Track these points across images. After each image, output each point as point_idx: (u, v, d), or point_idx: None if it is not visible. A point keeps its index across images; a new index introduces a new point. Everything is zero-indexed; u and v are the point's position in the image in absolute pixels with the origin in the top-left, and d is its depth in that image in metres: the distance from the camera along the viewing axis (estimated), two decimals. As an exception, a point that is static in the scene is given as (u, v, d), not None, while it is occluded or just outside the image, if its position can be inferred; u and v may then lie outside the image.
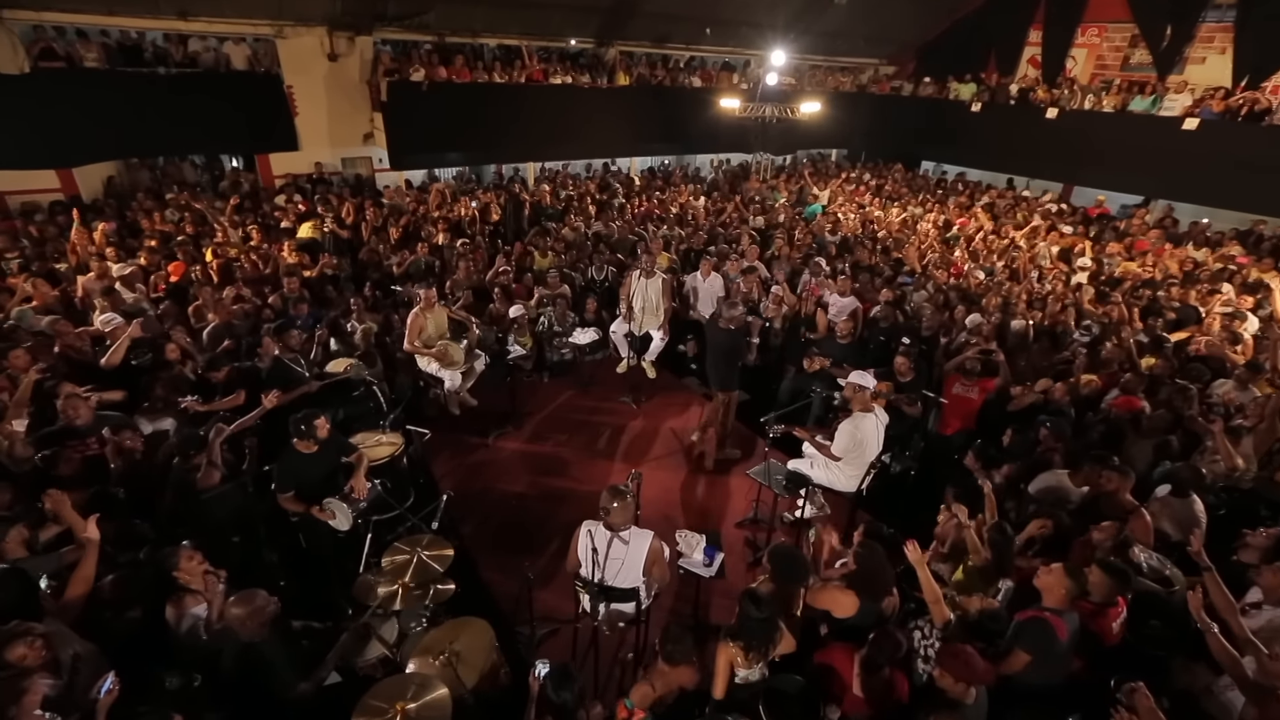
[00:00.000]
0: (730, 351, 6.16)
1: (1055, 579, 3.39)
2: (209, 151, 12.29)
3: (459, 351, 6.08)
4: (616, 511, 3.50)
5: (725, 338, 6.03)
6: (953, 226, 11.51)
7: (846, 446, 4.78)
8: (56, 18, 9.61)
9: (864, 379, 4.82)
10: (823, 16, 14.97)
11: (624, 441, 6.63)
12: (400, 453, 5.07)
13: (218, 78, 10.76)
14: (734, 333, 6.10)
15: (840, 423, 4.98)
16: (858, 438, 4.75)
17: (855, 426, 4.76)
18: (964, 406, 6.34)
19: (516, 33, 12.86)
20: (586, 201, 11.76)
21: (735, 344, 6.20)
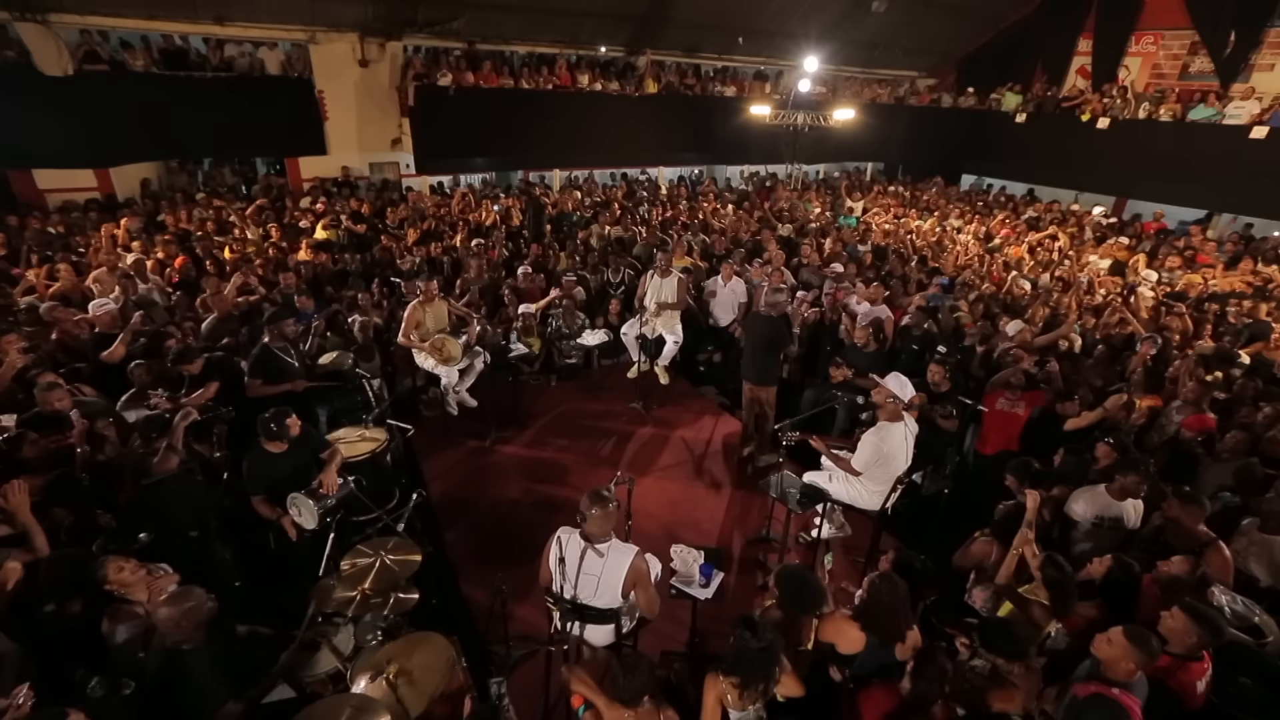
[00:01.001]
0: (773, 341, 5.76)
1: (1119, 650, 2.70)
2: (241, 154, 12.41)
3: (456, 347, 5.72)
4: (595, 519, 3.02)
5: (766, 326, 5.66)
6: (994, 238, 10.79)
7: (868, 460, 4.20)
8: (100, 22, 9.80)
9: (901, 386, 4.23)
10: (860, 26, 14.51)
11: (630, 449, 6.15)
12: (382, 449, 4.69)
13: (251, 81, 10.84)
14: (775, 320, 5.71)
15: (864, 433, 4.41)
16: (883, 450, 4.17)
17: (880, 438, 4.17)
18: (1007, 423, 5.69)
19: (547, 41, 12.73)
20: (613, 207, 11.44)
21: (778, 332, 5.81)
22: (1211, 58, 13.21)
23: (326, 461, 4.21)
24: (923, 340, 6.87)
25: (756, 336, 5.74)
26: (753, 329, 5.82)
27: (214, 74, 10.62)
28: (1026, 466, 4.36)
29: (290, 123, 11.31)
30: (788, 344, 6.40)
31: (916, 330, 6.94)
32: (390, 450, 4.78)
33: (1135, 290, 7.78)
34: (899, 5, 13.99)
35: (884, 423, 4.22)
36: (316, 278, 7.48)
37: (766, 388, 5.82)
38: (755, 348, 5.76)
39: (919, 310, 7.09)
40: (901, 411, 4.25)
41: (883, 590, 2.97)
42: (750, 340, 5.85)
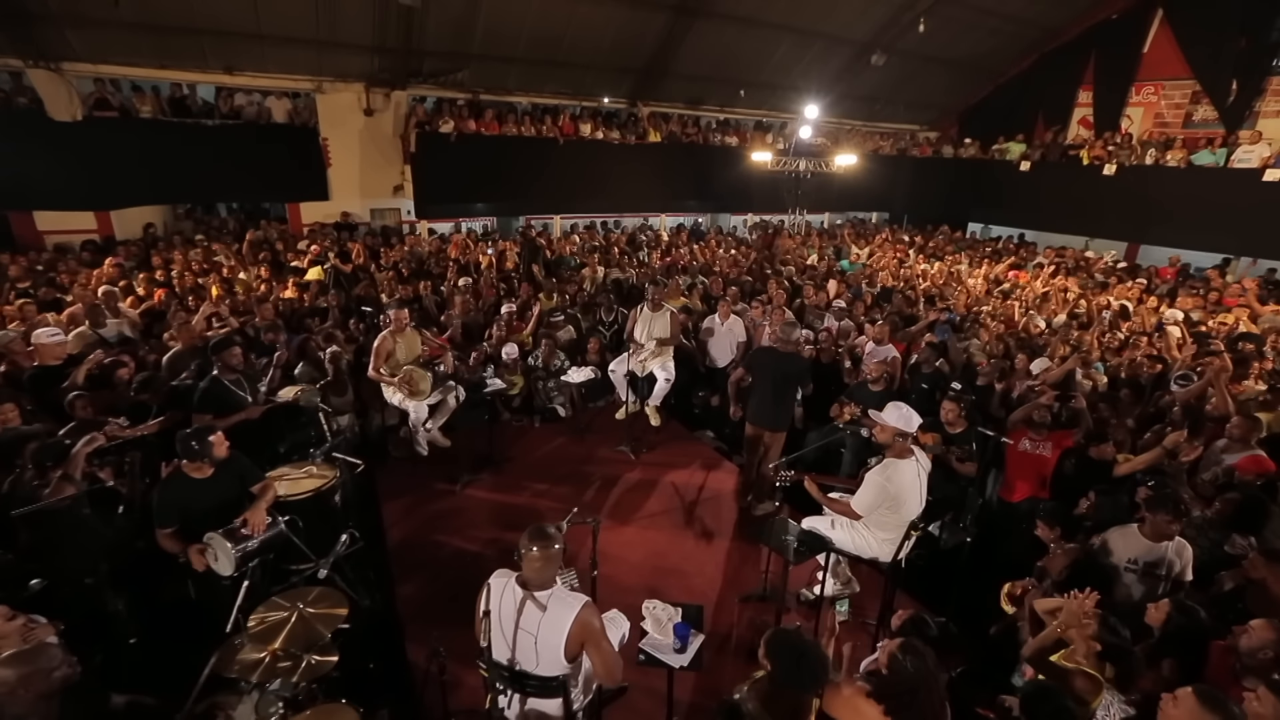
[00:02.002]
0: (788, 378, 5.16)
1: (1186, 714, 2.14)
2: (243, 199, 12.39)
3: (426, 380, 5.24)
4: (534, 560, 2.45)
5: (782, 361, 5.08)
6: (1003, 282, 10.33)
7: (872, 502, 3.60)
8: (113, 70, 9.93)
9: (903, 416, 3.64)
10: (860, 79, 14.58)
11: (614, 494, 5.54)
12: (329, 488, 4.15)
13: (257, 128, 10.89)
14: (793, 356, 5.19)
15: (867, 472, 3.83)
16: (889, 491, 3.57)
17: (886, 477, 3.58)
18: (1034, 466, 5.08)
19: (550, 92, 12.81)
20: (614, 251, 11.17)
21: (797, 370, 5.26)
22: (1215, 106, 13.05)
23: (257, 497, 3.69)
24: (933, 379, 6.32)
25: (771, 372, 5.07)
26: (764, 364, 5.12)
27: (221, 120, 10.69)
28: (1056, 512, 3.73)
29: (293, 168, 11.29)
30: (806, 383, 5.88)
31: (926, 368, 6.40)
32: (338, 490, 4.24)
33: (1163, 328, 7.20)
34: (898, 60, 14.08)
35: (891, 460, 3.63)
36: (295, 313, 7.13)
37: (777, 433, 5.21)
38: (770, 385, 5.09)
39: (929, 347, 6.56)
40: (911, 447, 3.68)
41: (907, 664, 2.33)
42: (762, 377, 5.12)
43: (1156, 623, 2.99)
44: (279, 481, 4.24)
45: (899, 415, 3.62)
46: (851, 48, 13.70)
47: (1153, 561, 3.51)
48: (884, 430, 3.65)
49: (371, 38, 10.57)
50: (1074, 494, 4.64)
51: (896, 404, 3.71)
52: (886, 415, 3.65)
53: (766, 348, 5.06)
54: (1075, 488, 4.70)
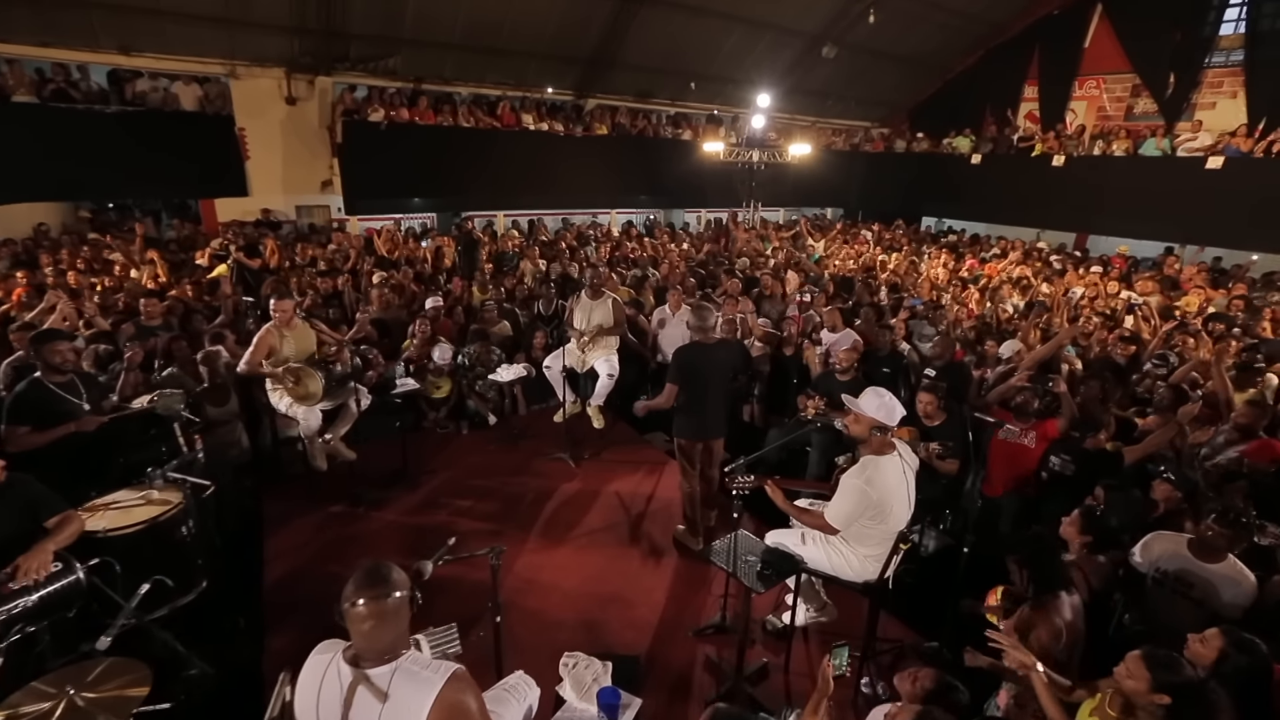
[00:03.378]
0: (726, 373, 4.32)
1: None
2: (148, 195, 11.08)
3: (316, 381, 4.29)
4: (365, 620, 1.61)
5: (719, 354, 4.17)
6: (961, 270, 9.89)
7: (851, 512, 2.84)
8: (-17, 49, 8.65)
9: (882, 406, 2.89)
10: (812, 74, 14.14)
11: (549, 510, 4.68)
12: (167, 517, 3.20)
13: (162, 117, 9.67)
14: (726, 344, 4.43)
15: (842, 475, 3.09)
16: (871, 498, 2.81)
17: (866, 480, 2.82)
18: (1016, 458, 4.48)
19: (490, 82, 11.92)
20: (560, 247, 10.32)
21: (733, 358, 4.51)
22: (1154, 98, 13.02)
23: (51, 532, 2.73)
24: (893, 362, 5.70)
25: (705, 371, 4.05)
26: (696, 365, 4.03)
27: (117, 108, 9.45)
28: (1093, 518, 3.04)
29: (206, 162, 10.08)
30: (747, 369, 5.12)
31: (882, 352, 5.77)
32: (184, 520, 3.28)
33: (1135, 309, 6.75)
34: (849, 54, 13.69)
35: (869, 458, 2.89)
36: (186, 311, 6.07)
37: (719, 439, 4.35)
38: (709, 387, 4.09)
39: (880, 327, 5.94)
40: (893, 441, 2.94)
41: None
42: (697, 380, 4.03)
43: (1204, 660, 2.30)
44: (107, 511, 3.29)
45: (879, 404, 2.88)
46: (802, 39, 13.23)
47: (1186, 580, 2.86)
48: (859, 422, 2.91)
49: (289, 17, 9.53)
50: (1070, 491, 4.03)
51: (876, 390, 2.97)
52: (864, 403, 2.90)
53: (691, 345, 4.07)
54: (1072, 484, 4.09)
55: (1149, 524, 3.30)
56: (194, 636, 3.28)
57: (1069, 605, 2.58)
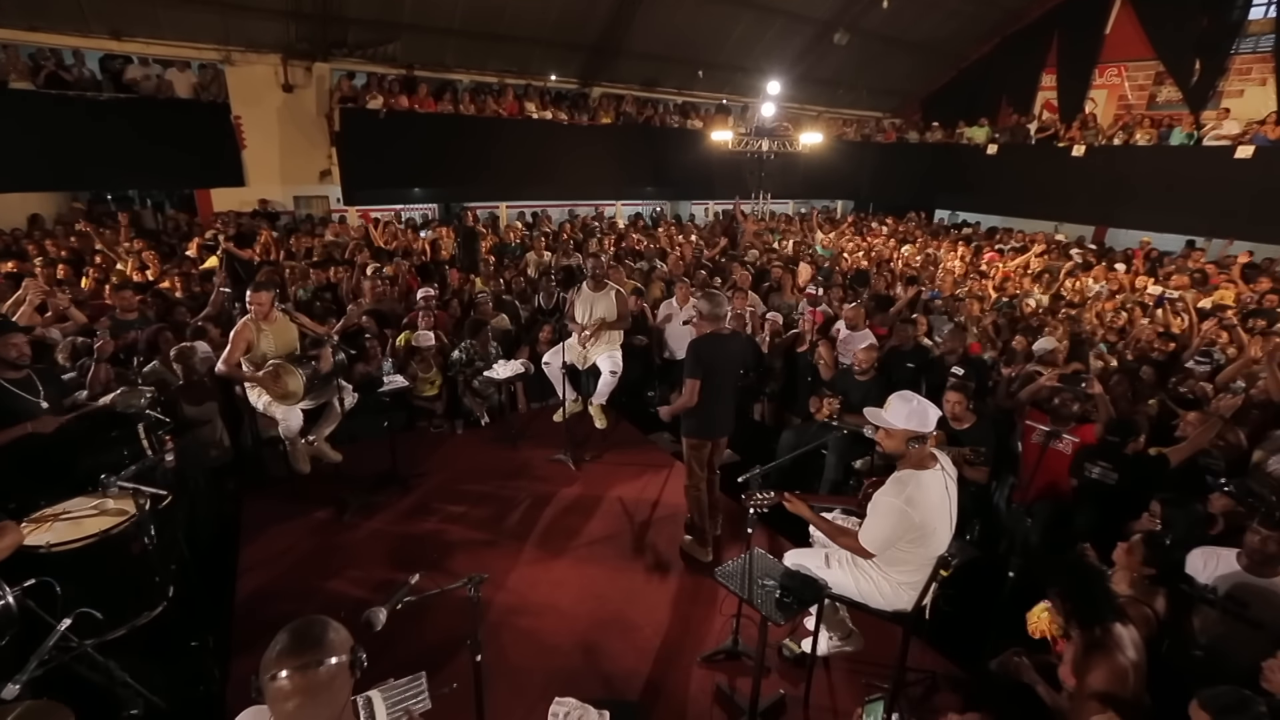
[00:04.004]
0: (738, 367, 4.03)
1: None
2: (143, 185, 10.74)
3: (297, 379, 3.95)
4: (291, 698, 1.25)
5: (733, 346, 3.87)
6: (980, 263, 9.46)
7: (888, 536, 2.47)
8: (-30, 33, 8.33)
9: (914, 412, 2.48)
10: (823, 63, 13.66)
11: (546, 517, 4.33)
12: (121, 529, 2.87)
13: (156, 105, 9.32)
14: (737, 336, 4.06)
15: (875, 492, 2.72)
16: (911, 519, 2.43)
17: (906, 500, 2.43)
18: (1049, 464, 4.08)
19: (492, 70, 11.53)
20: (563, 238, 9.95)
21: (744, 351, 4.27)
22: (1179, 86, 12.48)
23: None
24: (917, 357, 5.32)
25: (723, 365, 3.73)
26: (718, 358, 3.69)
27: (110, 95, 9.12)
28: (1158, 547, 2.64)
29: (202, 152, 9.74)
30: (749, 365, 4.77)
31: (906, 346, 5.38)
32: (141, 531, 2.95)
33: (1165, 303, 6.33)
34: (861, 41, 13.21)
35: (907, 473, 2.50)
36: (168, 304, 5.74)
37: (725, 438, 4.03)
38: (726, 383, 3.80)
39: (903, 322, 5.55)
40: (933, 452, 2.56)
41: None
42: (714, 376, 3.67)
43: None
44: (56, 522, 2.96)
45: (909, 411, 2.48)
46: (813, 26, 12.75)
47: (1240, 599, 2.49)
48: (891, 437, 2.52)
49: (285, 1, 9.16)
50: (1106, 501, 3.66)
51: (902, 396, 2.57)
52: (892, 414, 2.50)
53: (710, 336, 3.66)
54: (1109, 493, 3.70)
55: (1207, 543, 2.93)
56: (152, 661, 2.98)
57: (1130, 641, 2.21)
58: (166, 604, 3.08)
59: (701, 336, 3.70)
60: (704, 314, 3.72)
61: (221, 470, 4.56)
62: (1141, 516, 3.32)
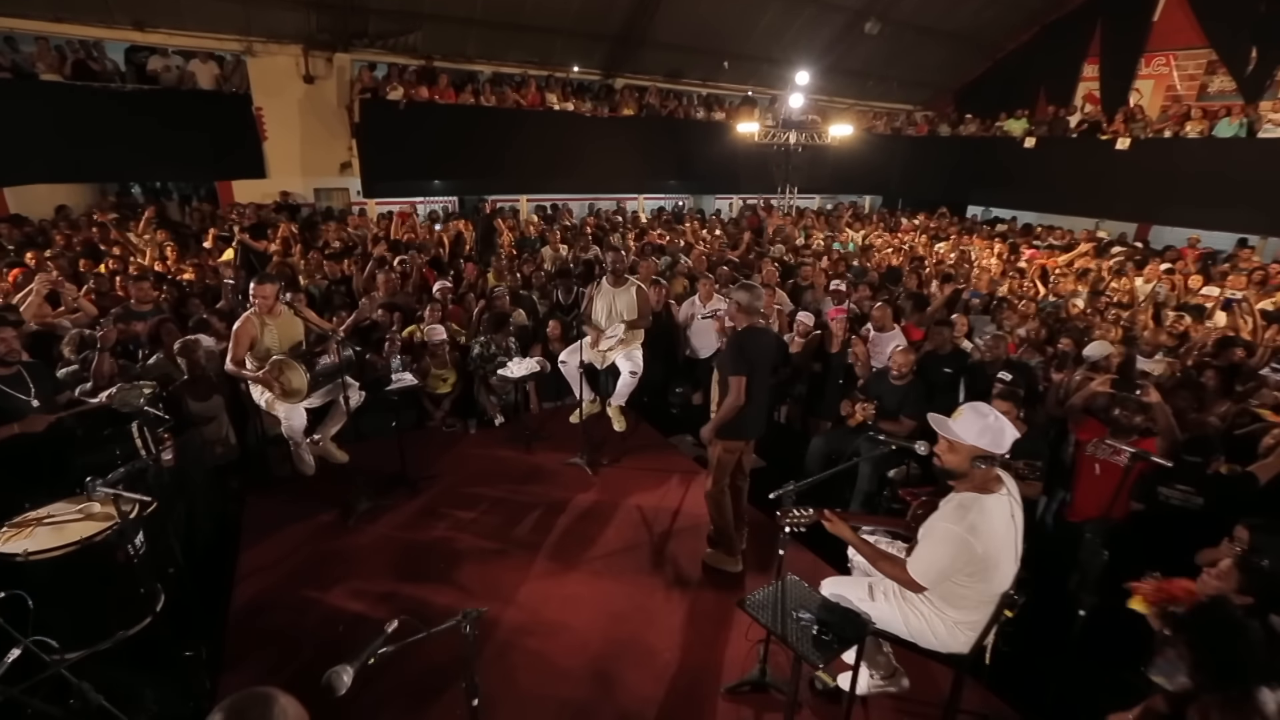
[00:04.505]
0: (771, 366, 3.74)
1: None
2: (165, 177, 10.71)
3: (300, 375, 3.73)
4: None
5: (770, 341, 3.65)
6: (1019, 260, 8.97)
7: (946, 568, 2.14)
8: None
9: (988, 431, 2.14)
10: (853, 53, 13.17)
11: (561, 526, 4.06)
12: (104, 536, 2.66)
13: (178, 96, 9.26)
14: (770, 331, 3.81)
15: (924, 512, 2.39)
16: (974, 551, 2.09)
17: (969, 528, 2.09)
18: (1104, 478, 3.72)
19: (514, 60, 11.28)
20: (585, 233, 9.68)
21: (776, 348, 4.00)
22: (1233, 76, 11.76)
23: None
24: (955, 361, 4.94)
25: (765, 359, 3.53)
26: (760, 348, 3.47)
27: (135, 86, 9.08)
28: (1255, 569, 2.28)
29: (223, 143, 9.67)
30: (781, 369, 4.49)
31: (943, 349, 5.00)
32: (127, 537, 2.74)
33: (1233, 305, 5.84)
34: (892, 33, 12.71)
35: (969, 497, 2.16)
36: (181, 296, 5.60)
37: (754, 440, 3.79)
38: (764, 379, 3.57)
39: (939, 324, 5.16)
40: (1000, 474, 2.22)
41: None
42: (758, 369, 3.43)
43: None
44: (39, 528, 2.77)
45: (982, 427, 2.13)
46: (844, 15, 12.28)
47: None
48: (955, 451, 2.18)
49: (305, -9, 9.03)
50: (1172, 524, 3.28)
51: (977, 408, 2.21)
52: (962, 426, 2.17)
53: (753, 329, 3.45)
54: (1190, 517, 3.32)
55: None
56: (141, 673, 2.78)
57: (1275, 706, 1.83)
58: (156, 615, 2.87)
59: (747, 328, 3.41)
60: (743, 305, 3.42)
61: (226, 468, 4.38)
62: (1220, 542, 2.94)
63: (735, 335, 3.44)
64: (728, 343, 3.45)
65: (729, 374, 3.37)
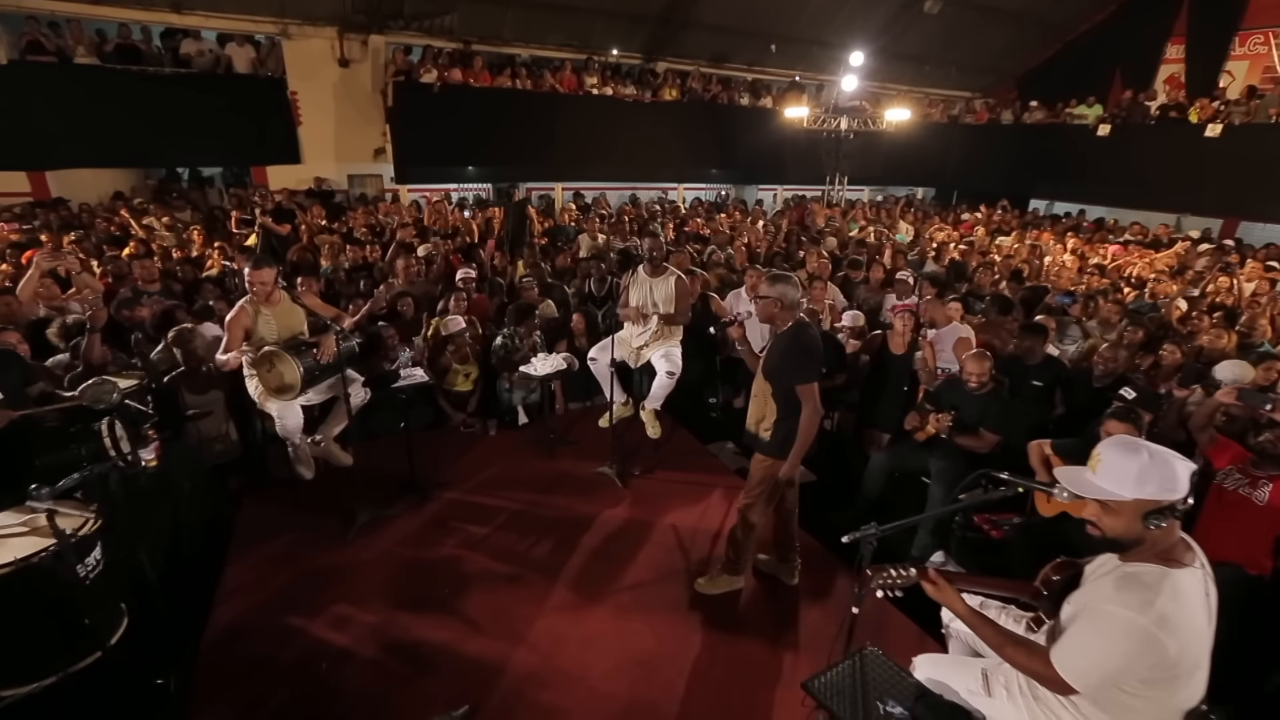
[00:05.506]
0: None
1: None
2: (200, 163, 10.54)
3: (293, 369, 3.27)
4: None
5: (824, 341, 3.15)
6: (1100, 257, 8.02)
7: (1113, 670, 1.47)
8: (39, 5, 8.19)
9: (1147, 470, 1.45)
10: (909, 35, 12.22)
11: (584, 548, 3.51)
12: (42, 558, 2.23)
13: (213, 80, 9.06)
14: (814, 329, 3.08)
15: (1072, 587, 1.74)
16: (1163, 651, 1.40)
17: (1156, 619, 1.40)
18: (1245, 519, 3.01)
19: (552, 44, 10.77)
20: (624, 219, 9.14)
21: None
22: (1344, 55, 10.46)
23: None
24: (1046, 372, 4.22)
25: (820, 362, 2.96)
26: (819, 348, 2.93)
27: (171, 70, 8.89)
28: None
29: (258, 128, 9.45)
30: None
31: (1032, 358, 4.27)
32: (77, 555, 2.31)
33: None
34: (953, 13, 11.72)
35: (1151, 572, 1.48)
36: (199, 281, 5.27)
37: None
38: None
39: (1025, 331, 4.41)
40: (1185, 539, 1.56)
41: None
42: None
43: None
44: (-17, 541, 2.36)
45: (1140, 469, 1.46)
46: (901, -7, 11.38)
47: None
48: (1115, 514, 1.52)
49: (341, -28, 8.69)
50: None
51: (1124, 444, 1.54)
52: (1107, 474, 1.51)
53: (805, 325, 2.88)
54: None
55: None
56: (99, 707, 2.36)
57: None
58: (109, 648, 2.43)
59: (799, 326, 2.81)
60: (786, 301, 2.82)
61: (226, 468, 3.98)
62: None
63: (796, 334, 2.83)
64: (787, 343, 2.85)
65: (795, 381, 2.78)
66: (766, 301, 2.87)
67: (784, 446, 2.87)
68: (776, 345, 2.92)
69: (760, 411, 3.02)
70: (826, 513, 3.79)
